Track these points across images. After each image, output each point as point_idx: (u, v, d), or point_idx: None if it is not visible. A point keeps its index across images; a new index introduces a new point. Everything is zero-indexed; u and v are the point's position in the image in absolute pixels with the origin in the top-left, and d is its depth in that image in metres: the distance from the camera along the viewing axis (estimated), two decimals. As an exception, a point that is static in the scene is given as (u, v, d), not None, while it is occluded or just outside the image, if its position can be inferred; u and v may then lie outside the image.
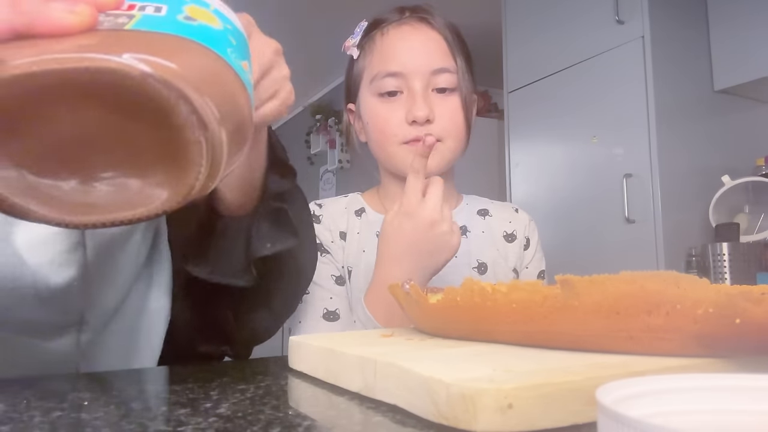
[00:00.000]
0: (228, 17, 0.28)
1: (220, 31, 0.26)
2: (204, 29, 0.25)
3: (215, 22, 0.26)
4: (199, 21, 0.25)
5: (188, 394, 0.35)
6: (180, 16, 0.25)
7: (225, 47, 0.26)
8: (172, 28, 0.24)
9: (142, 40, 0.23)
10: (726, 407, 0.18)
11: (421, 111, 0.70)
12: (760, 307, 0.25)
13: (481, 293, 0.34)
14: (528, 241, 0.82)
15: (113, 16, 0.24)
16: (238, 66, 0.26)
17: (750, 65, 1.86)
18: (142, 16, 0.24)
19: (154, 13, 0.24)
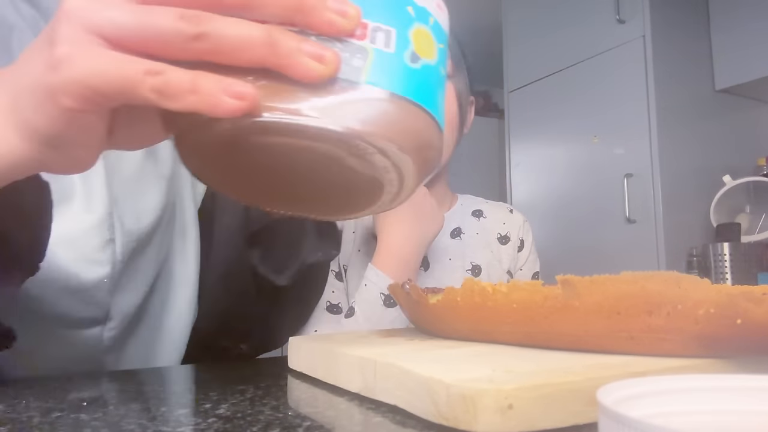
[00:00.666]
0: (441, 24, 0.28)
1: (434, 69, 0.27)
2: (423, 77, 0.26)
3: (433, 50, 0.27)
4: (421, 60, 0.26)
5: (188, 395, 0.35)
6: (407, 54, 0.26)
7: (436, 93, 0.27)
8: (398, 81, 0.25)
9: (372, 116, 0.24)
10: (727, 408, 0.18)
11: None
12: (761, 308, 0.25)
13: (482, 293, 0.34)
14: (522, 243, 0.82)
15: (349, 52, 0.24)
16: (442, 112, 0.28)
17: (751, 65, 1.86)
18: (374, 53, 0.25)
19: (384, 49, 0.25)
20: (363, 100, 0.24)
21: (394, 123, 0.25)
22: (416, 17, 0.27)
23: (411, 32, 0.26)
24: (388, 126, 0.25)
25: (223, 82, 0.22)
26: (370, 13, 0.25)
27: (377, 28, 0.25)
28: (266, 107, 0.23)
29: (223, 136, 0.24)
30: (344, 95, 0.24)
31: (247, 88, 0.22)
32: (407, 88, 0.25)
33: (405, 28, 0.26)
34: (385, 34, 0.25)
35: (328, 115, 0.23)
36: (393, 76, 0.25)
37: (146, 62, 0.23)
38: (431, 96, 0.27)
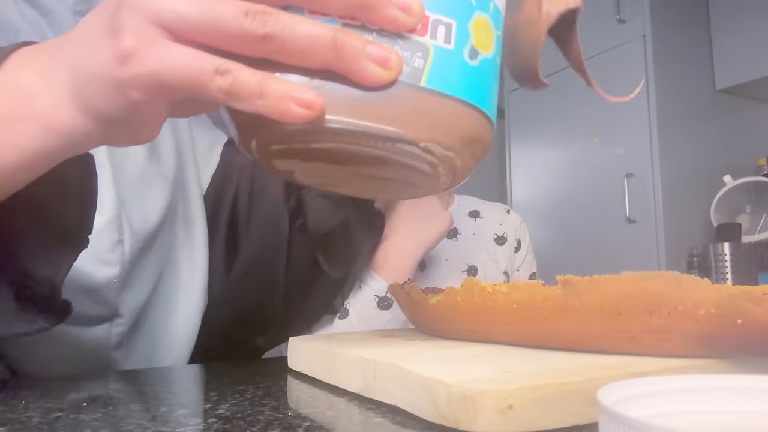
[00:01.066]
0: (499, 8, 0.28)
1: (491, 62, 0.27)
2: (480, 74, 0.26)
3: (492, 41, 0.27)
4: (479, 56, 0.26)
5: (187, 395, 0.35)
6: (466, 51, 0.25)
7: (490, 88, 0.27)
8: (455, 82, 0.25)
9: (432, 120, 0.25)
10: (727, 408, 0.18)
11: None
12: (761, 308, 0.24)
13: (482, 294, 0.34)
14: (519, 243, 0.82)
15: (410, 50, 0.24)
16: (494, 104, 0.28)
17: (751, 65, 1.86)
18: (434, 51, 0.24)
19: (444, 45, 0.25)
20: (421, 105, 0.24)
21: (446, 125, 0.25)
22: (477, 5, 0.26)
23: (471, 23, 0.26)
24: (441, 129, 0.25)
25: (290, 87, 0.22)
26: (431, 5, 0.25)
27: (438, 22, 0.25)
28: (330, 112, 0.23)
29: (286, 137, 0.25)
30: (403, 100, 0.24)
31: (314, 96, 0.23)
32: (463, 89, 0.25)
33: (466, 19, 0.26)
34: (445, 28, 0.25)
35: (387, 121, 0.24)
36: (451, 77, 0.25)
37: (215, 60, 0.23)
38: (485, 93, 0.27)
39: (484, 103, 0.26)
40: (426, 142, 0.25)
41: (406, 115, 0.24)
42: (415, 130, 0.24)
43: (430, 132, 0.25)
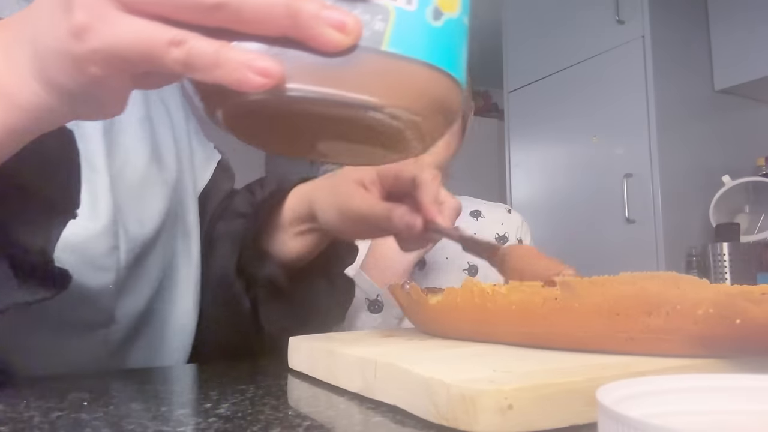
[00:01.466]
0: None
1: (456, 23, 0.26)
2: (445, 36, 0.25)
3: (457, 2, 0.26)
4: (444, 16, 0.25)
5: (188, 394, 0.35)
6: (429, 11, 0.25)
7: (457, 50, 0.26)
8: (418, 44, 0.24)
9: (394, 84, 0.24)
10: (726, 407, 0.18)
11: None
12: (760, 308, 0.25)
13: (481, 294, 0.34)
14: (520, 243, 0.81)
15: (371, 13, 0.23)
16: (462, 67, 0.27)
17: (750, 65, 1.86)
18: (396, 13, 0.24)
19: (406, 6, 0.24)
20: (382, 69, 0.24)
21: (412, 89, 0.25)
22: None
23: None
24: (405, 93, 0.25)
25: (247, 56, 0.22)
26: None
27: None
28: (290, 80, 0.23)
29: (248, 106, 0.24)
30: (364, 65, 0.23)
31: (271, 64, 0.22)
32: (427, 52, 0.25)
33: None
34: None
35: (349, 86, 0.23)
36: (414, 40, 0.24)
37: (171, 31, 0.23)
38: (452, 55, 0.26)
39: (450, 65, 0.26)
40: (390, 107, 0.24)
41: (367, 81, 0.24)
42: (378, 96, 0.24)
43: (393, 97, 0.24)
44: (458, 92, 0.27)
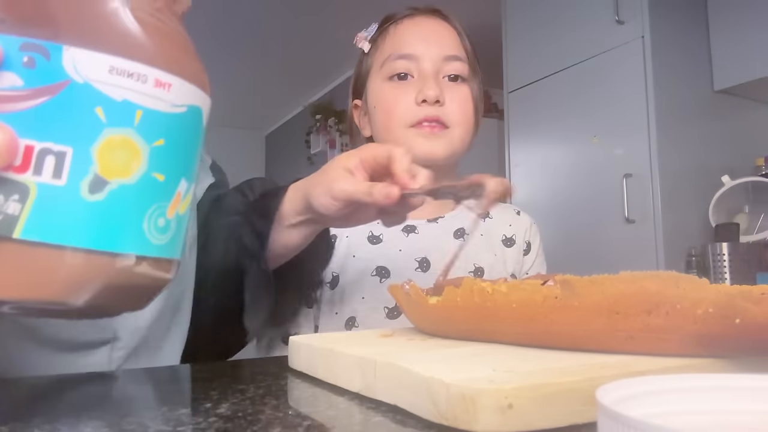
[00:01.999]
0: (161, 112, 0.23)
1: (136, 187, 0.22)
2: (112, 208, 0.22)
3: (134, 162, 0.22)
4: (108, 185, 0.22)
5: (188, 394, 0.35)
6: (85, 183, 0.21)
7: (132, 220, 0.23)
8: (65, 227, 0.21)
9: (27, 276, 0.21)
10: (726, 407, 0.18)
11: (432, 90, 0.69)
12: (759, 307, 0.25)
13: (481, 293, 0.34)
14: (528, 246, 0.79)
15: (4, 193, 0.20)
16: (149, 240, 0.24)
17: (750, 65, 1.86)
18: (38, 191, 0.20)
19: (53, 181, 0.20)
20: (13, 261, 0.21)
21: (52, 280, 0.21)
22: (109, 121, 0.22)
23: (98, 147, 0.21)
24: (42, 284, 0.21)
25: None
26: (35, 130, 0.20)
27: (46, 152, 0.20)
28: None
29: None
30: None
31: None
32: (79, 234, 0.21)
33: (89, 143, 0.21)
34: (56, 159, 0.20)
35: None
36: (59, 222, 0.21)
37: None
38: (119, 229, 0.22)
39: (116, 242, 0.22)
40: (26, 299, 0.21)
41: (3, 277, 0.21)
42: (10, 290, 0.21)
43: (25, 290, 0.21)
44: (129, 264, 0.23)
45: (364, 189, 0.46)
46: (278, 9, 3.10)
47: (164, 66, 0.23)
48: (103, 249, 0.22)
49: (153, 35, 0.23)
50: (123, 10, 0.23)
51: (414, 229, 0.75)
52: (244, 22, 3.27)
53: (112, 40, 0.22)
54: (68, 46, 0.21)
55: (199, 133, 0.26)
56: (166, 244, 0.25)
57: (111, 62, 0.22)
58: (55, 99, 0.21)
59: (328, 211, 0.49)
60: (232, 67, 3.88)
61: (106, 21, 0.22)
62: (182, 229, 0.26)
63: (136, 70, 0.22)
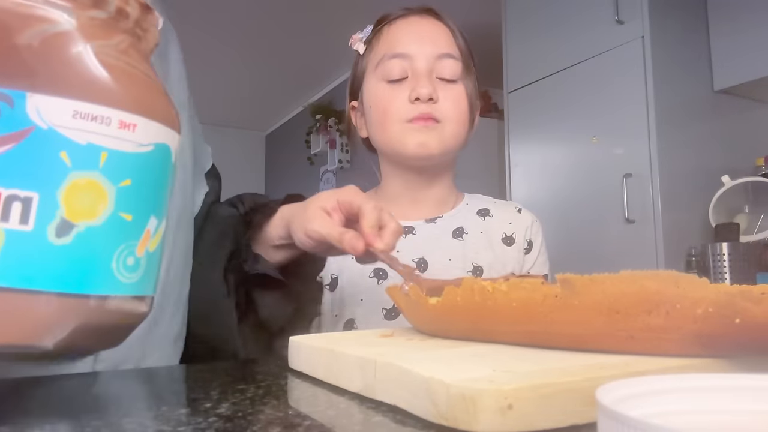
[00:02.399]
0: (127, 152, 0.23)
1: (102, 229, 0.23)
2: (80, 250, 0.22)
3: (100, 204, 0.22)
4: (75, 228, 0.22)
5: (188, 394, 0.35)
6: (52, 228, 0.21)
7: (101, 259, 0.23)
8: (36, 270, 0.21)
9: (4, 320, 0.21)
10: (726, 407, 0.18)
11: (425, 89, 0.70)
12: (759, 307, 0.25)
13: (481, 293, 0.34)
14: (530, 245, 0.78)
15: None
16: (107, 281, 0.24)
17: (750, 65, 1.86)
18: (5, 238, 0.20)
19: (20, 227, 0.21)
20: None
21: (22, 324, 0.22)
22: (74, 165, 0.22)
23: (63, 191, 0.22)
24: (14, 329, 0.21)
25: None
26: (2, 177, 0.21)
27: (12, 198, 0.21)
28: None
29: None
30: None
31: None
32: (48, 278, 0.21)
33: (54, 187, 0.21)
34: (22, 205, 0.21)
35: None
36: (27, 267, 0.21)
37: None
38: (87, 271, 0.22)
39: (85, 284, 0.23)
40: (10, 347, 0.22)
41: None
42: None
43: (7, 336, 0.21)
44: (98, 306, 0.23)
45: (335, 235, 0.49)
46: (278, 9, 3.10)
47: (128, 107, 0.24)
48: (72, 291, 0.22)
49: (117, 77, 0.24)
50: (86, 54, 0.23)
51: (412, 230, 0.75)
52: (244, 22, 3.27)
53: (75, 84, 0.23)
54: (31, 93, 0.21)
55: (168, 169, 0.27)
56: (137, 282, 0.25)
57: (74, 107, 0.22)
58: (20, 146, 0.21)
59: (303, 246, 0.53)
60: (232, 67, 3.88)
61: (69, 66, 0.23)
62: (154, 266, 0.26)
63: (99, 112, 0.23)
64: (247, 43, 3.53)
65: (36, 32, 0.22)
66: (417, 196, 0.77)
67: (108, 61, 0.24)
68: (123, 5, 0.25)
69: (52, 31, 0.23)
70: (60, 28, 0.23)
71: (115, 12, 0.25)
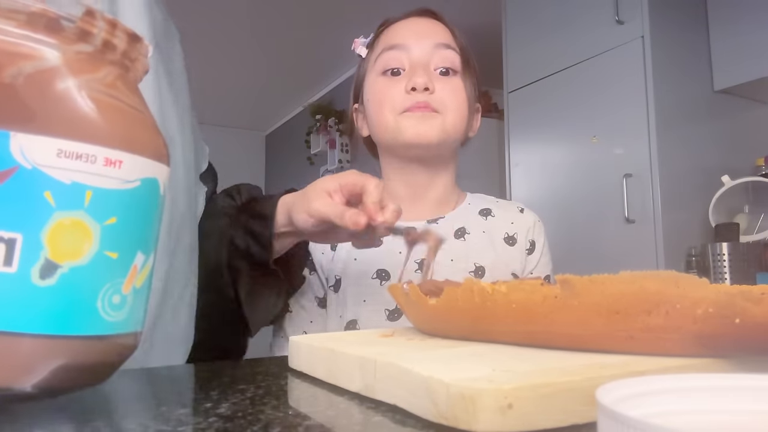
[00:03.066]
0: (112, 189, 0.23)
1: (87, 269, 0.22)
2: (64, 291, 0.22)
3: (84, 244, 0.22)
4: (59, 269, 0.22)
5: (188, 394, 0.35)
6: (36, 270, 0.21)
7: (88, 298, 0.23)
8: (20, 313, 0.21)
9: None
10: (726, 407, 0.18)
11: (421, 78, 0.70)
12: (759, 307, 0.25)
13: (481, 293, 0.34)
14: (532, 245, 0.77)
15: None
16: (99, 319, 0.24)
17: (750, 65, 1.86)
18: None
19: (3, 269, 0.20)
20: None
21: (15, 367, 0.21)
22: (59, 205, 0.22)
23: (47, 232, 0.21)
24: (8, 372, 0.21)
25: None
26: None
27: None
28: None
29: None
30: None
31: None
32: (31, 320, 0.21)
33: (38, 228, 0.21)
34: (6, 247, 0.21)
35: None
36: (10, 309, 0.21)
37: None
38: (75, 312, 0.22)
39: (69, 325, 0.22)
40: None
41: None
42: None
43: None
44: (82, 347, 0.23)
45: (337, 212, 0.51)
46: (279, 9, 3.10)
47: (114, 143, 0.23)
48: (56, 333, 0.22)
49: (103, 113, 0.24)
50: (72, 90, 0.23)
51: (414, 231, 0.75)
52: (244, 22, 3.27)
53: (60, 122, 0.22)
54: (15, 132, 0.21)
55: (156, 202, 0.26)
56: (123, 320, 0.25)
57: (59, 145, 0.22)
58: (4, 186, 0.21)
59: (305, 226, 0.54)
60: (232, 67, 3.88)
61: (54, 103, 0.22)
62: (141, 302, 0.26)
63: (84, 150, 0.22)
64: (248, 43, 3.53)
65: (20, 70, 0.22)
66: (418, 195, 0.77)
67: (94, 96, 0.23)
68: (109, 37, 0.25)
69: (38, 67, 0.22)
70: (45, 64, 0.23)
71: (102, 45, 0.25)
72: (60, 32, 0.24)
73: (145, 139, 0.25)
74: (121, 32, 0.25)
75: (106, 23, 0.25)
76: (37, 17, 0.23)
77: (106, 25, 0.25)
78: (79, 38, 0.24)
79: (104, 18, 0.25)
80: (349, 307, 0.70)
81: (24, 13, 0.23)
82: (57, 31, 0.24)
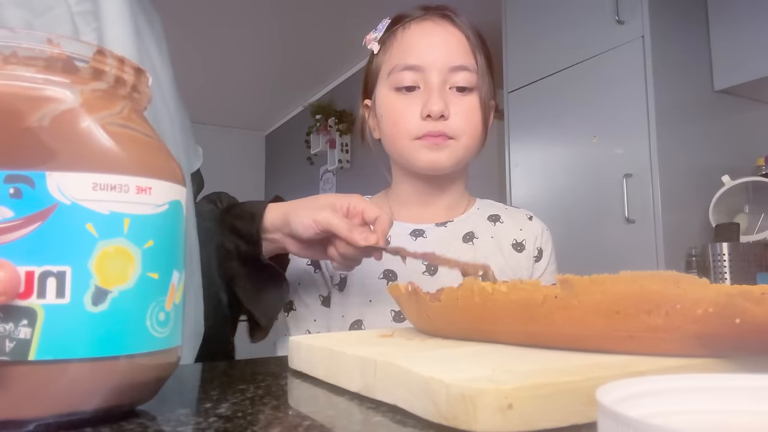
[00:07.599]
0: (147, 215, 0.25)
1: (134, 291, 0.24)
2: (114, 314, 0.23)
3: (129, 268, 0.23)
4: (109, 294, 0.23)
5: (188, 394, 0.35)
6: (88, 297, 0.22)
7: (133, 321, 0.24)
8: (76, 341, 0.22)
9: (50, 393, 0.22)
10: (726, 407, 0.18)
11: (437, 105, 0.69)
12: (760, 307, 0.25)
13: (482, 293, 0.34)
14: (540, 253, 0.78)
15: (13, 321, 0.21)
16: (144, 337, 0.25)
17: (750, 65, 1.86)
18: (45, 313, 0.21)
19: (57, 301, 0.21)
20: (34, 382, 0.22)
21: (73, 393, 0.22)
22: (101, 234, 0.23)
23: (94, 261, 0.23)
24: (64, 399, 0.22)
25: None
26: (34, 256, 0.21)
27: (46, 275, 0.21)
28: None
29: None
30: (13, 382, 0.21)
31: None
32: (88, 346, 0.22)
33: (85, 259, 0.22)
34: (57, 280, 0.22)
35: (2, 409, 0.21)
36: (70, 338, 0.22)
37: None
38: (124, 332, 0.24)
39: (123, 345, 0.24)
40: (49, 418, 0.22)
41: (18, 398, 0.22)
42: (33, 409, 0.22)
43: (48, 406, 0.22)
44: (130, 366, 0.24)
45: (345, 226, 0.53)
46: (279, 9, 3.10)
47: (142, 172, 0.25)
48: (113, 354, 0.23)
49: (126, 145, 0.25)
50: (95, 127, 0.24)
51: (422, 233, 0.75)
52: (244, 22, 3.27)
53: (90, 157, 0.24)
54: (50, 171, 0.22)
55: (182, 222, 0.28)
56: (168, 336, 0.26)
57: (93, 179, 0.23)
58: (47, 223, 0.22)
59: (305, 232, 0.56)
60: (232, 67, 3.88)
61: (81, 141, 0.24)
62: (180, 316, 0.28)
63: (117, 181, 0.24)
64: (248, 44, 3.53)
65: (46, 113, 0.23)
66: (428, 200, 0.77)
67: (115, 130, 0.25)
68: (120, 73, 0.27)
69: (61, 109, 0.24)
70: (67, 105, 0.24)
71: (114, 81, 0.27)
72: (76, 73, 0.25)
73: (166, 165, 0.27)
74: (129, 67, 0.27)
75: (115, 60, 0.27)
76: (54, 61, 0.25)
77: (116, 62, 0.27)
78: (93, 77, 0.26)
79: (113, 55, 0.27)
80: (353, 307, 0.70)
81: (42, 59, 0.25)
82: (73, 72, 0.25)
